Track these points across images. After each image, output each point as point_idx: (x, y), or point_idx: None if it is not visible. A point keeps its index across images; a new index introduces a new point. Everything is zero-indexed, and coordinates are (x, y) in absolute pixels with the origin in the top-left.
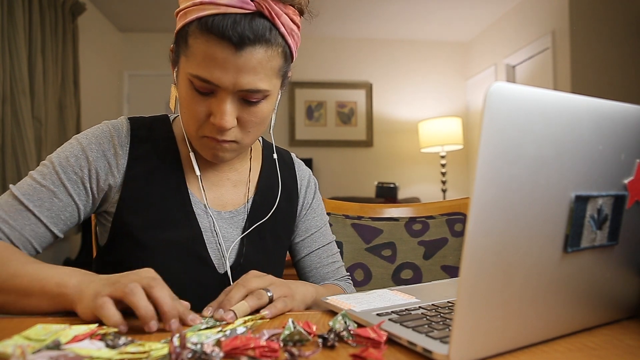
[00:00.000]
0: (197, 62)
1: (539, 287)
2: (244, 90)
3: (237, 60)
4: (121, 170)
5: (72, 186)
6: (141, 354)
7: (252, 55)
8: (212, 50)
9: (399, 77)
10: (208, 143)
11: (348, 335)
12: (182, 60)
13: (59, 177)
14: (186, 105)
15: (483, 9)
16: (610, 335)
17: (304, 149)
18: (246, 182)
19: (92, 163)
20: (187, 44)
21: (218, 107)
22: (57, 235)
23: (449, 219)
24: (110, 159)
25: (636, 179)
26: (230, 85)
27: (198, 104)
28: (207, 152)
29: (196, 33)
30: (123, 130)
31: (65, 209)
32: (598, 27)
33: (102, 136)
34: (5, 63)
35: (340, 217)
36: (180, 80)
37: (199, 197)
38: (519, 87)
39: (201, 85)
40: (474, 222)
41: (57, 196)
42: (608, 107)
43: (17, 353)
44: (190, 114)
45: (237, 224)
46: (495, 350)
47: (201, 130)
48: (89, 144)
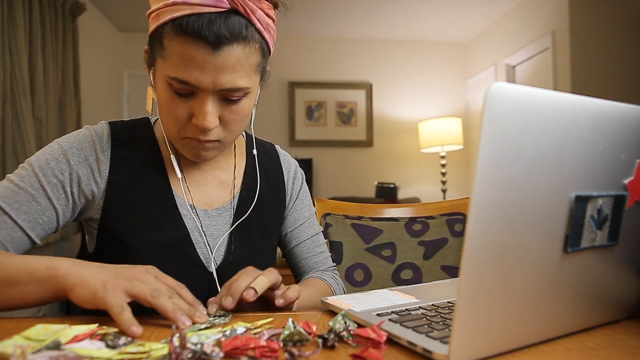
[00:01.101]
0: (174, 64)
1: (539, 287)
2: (224, 89)
3: (215, 60)
4: (104, 176)
5: (51, 190)
6: (141, 354)
7: (230, 54)
8: (189, 51)
9: (399, 77)
10: (190, 143)
11: (348, 335)
12: (158, 62)
13: (39, 179)
14: (166, 108)
15: (483, 9)
16: (610, 335)
17: (304, 149)
18: (231, 179)
19: (73, 167)
20: (163, 45)
21: (200, 109)
22: (34, 240)
23: (449, 219)
24: (92, 165)
25: (636, 179)
26: (210, 86)
27: (178, 106)
28: (190, 152)
29: (171, 35)
30: (104, 135)
31: (43, 212)
32: (598, 27)
33: (83, 141)
34: (5, 63)
35: (340, 217)
36: (157, 82)
37: (184, 198)
38: (519, 87)
39: (180, 87)
40: (474, 222)
41: (36, 199)
42: (608, 107)
43: (17, 353)
44: (170, 116)
45: (225, 221)
46: (495, 350)
47: (183, 132)
48: (70, 148)
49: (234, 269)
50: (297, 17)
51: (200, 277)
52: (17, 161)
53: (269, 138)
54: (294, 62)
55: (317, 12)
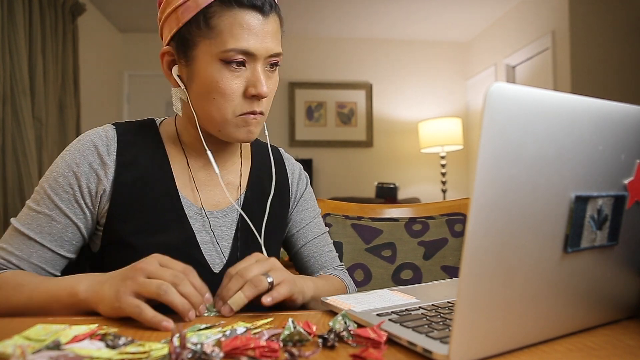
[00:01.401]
0: (230, 35)
1: (539, 287)
2: (272, 54)
3: (266, 27)
4: (110, 179)
5: (66, 206)
6: (141, 354)
7: (273, 21)
8: (244, 20)
9: (399, 77)
10: (245, 120)
11: (348, 335)
12: (202, 47)
13: (52, 200)
14: (220, 88)
15: (483, 9)
16: (610, 335)
17: (304, 149)
18: (237, 180)
19: (81, 178)
20: (210, 25)
21: (254, 77)
22: (66, 256)
23: (449, 220)
24: (98, 170)
25: (636, 179)
26: (264, 51)
27: (233, 81)
28: (241, 131)
29: (220, 11)
30: (109, 137)
31: (65, 229)
32: (598, 27)
33: (84, 148)
34: (5, 63)
35: (340, 217)
36: (202, 70)
37: (190, 199)
38: (519, 87)
39: (236, 57)
40: (474, 222)
41: (55, 219)
42: (608, 107)
43: (17, 353)
44: (224, 96)
45: (230, 222)
46: (495, 350)
47: (239, 109)
48: (74, 159)
49: None
50: (297, 17)
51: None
52: (16, 161)
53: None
54: (294, 62)
55: (317, 12)
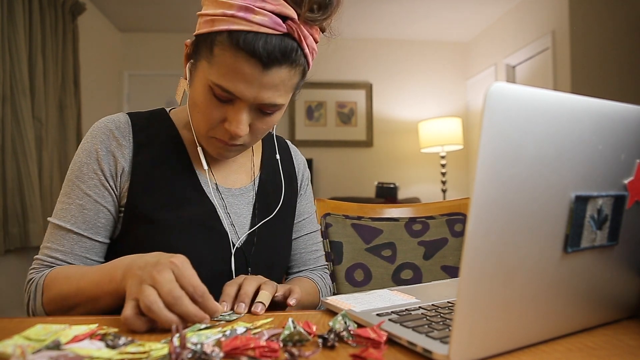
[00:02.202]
0: (223, 72)
1: (539, 287)
2: (264, 104)
3: (263, 78)
4: (127, 159)
5: (94, 192)
6: (141, 354)
7: (277, 74)
8: (240, 65)
9: (399, 77)
10: (216, 143)
11: (348, 335)
12: (202, 64)
13: (81, 189)
14: (201, 108)
15: (483, 9)
16: (610, 335)
17: (304, 149)
18: (250, 163)
19: (102, 162)
20: (213, 52)
21: (235, 116)
22: (104, 242)
23: (449, 219)
24: (115, 151)
25: (636, 179)
26: (252, 99)
27: (214, 109)
28: (214, 150)
29: (224, 45)
30: (122, 122)
31: (98, 216)
32: (598, 27)
33: (101, 132)
34: (5, 63)
35: (341, 217)
36: (197, 82)
37: (207, 177)
38: (519, 87)
39: (222, 94)
40: (474, 222)
41: (86, 207)
42: (608, 107)
43: (17, 353)
44: (203, 116)
45: (247, 201)
46: (495, 350)
47: (212, 132)
48: (93, 145)
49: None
50: None
51: (226, 251)
52: (16, 161)
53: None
54: None
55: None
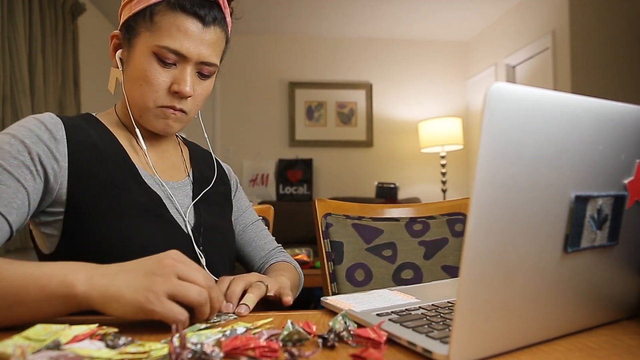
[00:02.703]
0: (167, 34)
1: (539, 287)
2: (204, 62)
3: (203, 35)
4: (63, 155)
5: (15, 171)
6: (141, 354)
7: (213, 33)
8: (183, 24)
9: (399, 77)
10: (163, 112)
11: (348, 335)
12: (142, 37)
13: (1, 165)
14: (147, 78)
15: (483, 9)
16: (610, 335)
17: (304, 149)
18: (181, 162)
19: (31, 147)
20: (153, 20)
21: (181, 76)
22: (12, 228)
23: (449, 219)
24: (48, 143)
25: (636, 179)
26: (195, 56)
27: (160, 74)
28: (160, 122)
29: (165, 11)
30: (54, 118)
31: (15, 195)
32: (598, 27)
33: (31, 124)
34: (5, 63)
35: (341, 217)
36: (138, 57)
37: (148, 171)
38: (519, 87)
39: (168, 56)
40: (474, 222)
41: (4, 183)
42: (608, 107)
43: (17, 353)
44: (149, 85)
45: (186, 193)
46: (495, 350)
47: (160, 101)
48: (20, 132)
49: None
50: (297, 17)
51: (177, 238)
52: None
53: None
54: (294, 62)
55: (317, 12)
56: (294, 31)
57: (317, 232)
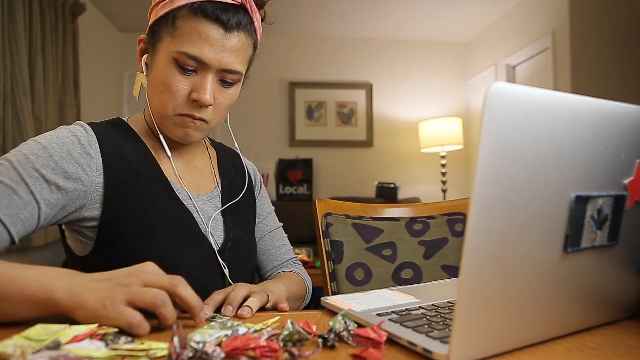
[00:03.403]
0: (188, 40)
1: (539, 287)
2: (226, 69)
3: (225, 41)
4: (96, 169)
5: (32, 183)
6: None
7: (236, 39)
8: (204, 30)
9: (399, 77)
10: (182, 121)
11: (348, 335)
12: (165, 42)
13: (18, 173)
14: (167, 84)
15: (483, 9)
16: (610, 335)
17: (304, 149)
18: (209, 169)
19: (57, 162)
20: (175, 25)
21: (201, 84)
22: (13, 238)
23: (449, 219)
24: (79, 159)
25: (636, 179)
26: (216, 63)
27: (180, 81)
28: (179, 130)
29: (187, 15)
30: (87, 130)
31: (25, 207)
32: (598, 27)
33: (63, 137)
34: (5, 63)
35: (341, 216)
36: (159, 62)
37: (178, 185)
38: (519, 87)
39: (188, 62)
40: (474, 222)
41: (17, 193)
42: (608, 107)
43: (17, 353)
44: (169, 92)
45: (215, 206)
46: (495, 350)
47: (179, 108)
48: (50, 144)
49: (234, 246)
50: (298, 17)
51: (207, 254)
52: None
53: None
54: (294, 62)
55: (318, 12)
56: (294, 31)
57: (317, 232)
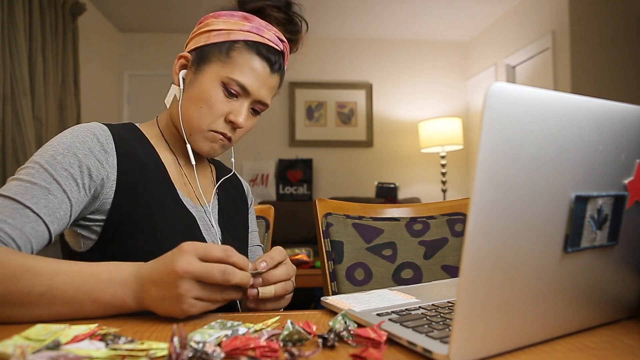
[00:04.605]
0: (239, 70)
1: (539, 287)
2: (261, 101)
3: (267, 79)
4: (112, 166)
5: (64, 182)
6: (140, 351)
7: (275, 78)
8: (256, 65)
9: (399, 77)
10: (214, 137)
11: (348, 335)
12: (214, 66)
13: (50, 174)
14: (211, 102)
15: (483, 9)
16: (610, 335)
17: (304, 149)
18: (211, 182)
19: (82, 160)
20: (229, 55)
21: (240, 109)
22: (52, 236)
23: (449, 219)
24: (99, 156)
25: (636, 179)
26: (256, 93)
27: (222, 103)
28: (207, 145)
29: (242, 49)
30: (104, 130)
31: (60, 206)
32: (598, 27)
33: (83, 135)
34: (5, 63)
35: (342, 216)
36: (205, 81)
37: (183, 192)
38: (519, 87)
39: (234, 88)
40: (474, 222)
41: (52, 193)
42: (608, 107)
43: (17, 353)
44: (210, 110)
45: (214, 217)
46: (495, 350)
47: (213, 125)
48: (73, 142)
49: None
50: None
51: None
52: (17, 161)
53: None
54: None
55: (318, 12)
56: None
57: (318, 232)
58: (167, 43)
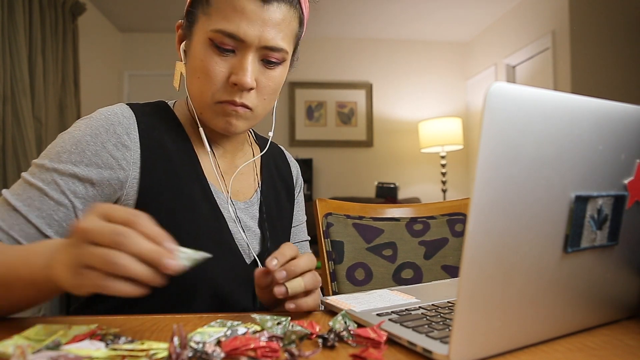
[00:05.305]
0: (222, 16)
1: (539, 287)
2: (268, 46)
3: (264, 14)
4: (133, 162)
5: (65, 183)
6: (140, 351)
7: (277, 10)
8: (240, 3)
9: (399, 77)
10: (224, 109)
11: (348, 335)
12: (200, 23)
13: (50, 174)
14: (204, 68)
15: (483, 9)
16: (610, 335)
17: (304, 149)
18: (252, 171)
19: (91, 158)
20: (209, 2)
21: (240, 64)
22: (52, 237)
23: (449, 219)
24: (114, 152)
25: (636, 179)
26: (255, 39)
27: (217, 64)
28: (221, 120)
29: None
30: (127, 117)
31: (57, 208)
32: (598, 27)
33: (98, 126)
34: (5, 63)
35: (342, 217)
36: (196, 45)
37: (217, 188)
38: (519, 87)
39: (224, 41)
40: (474, 222)
41: (48, 194)
42: (608, 107)
43: (17, 353)
44: (207, 77)
45: (252, 214)
46: (495, 350)
47: (218, 95)
48: (84, 136)
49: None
50: None
51: (238, 268)
52: (17, 161)
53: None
54: None
55: (318, 12)
56: None
57: (318, 232)
58: (167, 43)
